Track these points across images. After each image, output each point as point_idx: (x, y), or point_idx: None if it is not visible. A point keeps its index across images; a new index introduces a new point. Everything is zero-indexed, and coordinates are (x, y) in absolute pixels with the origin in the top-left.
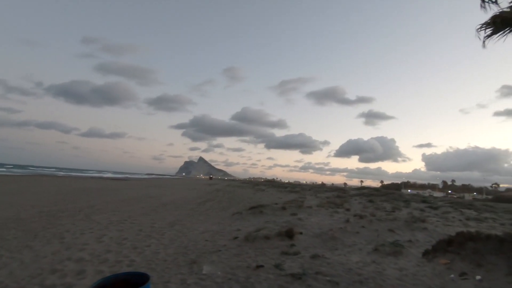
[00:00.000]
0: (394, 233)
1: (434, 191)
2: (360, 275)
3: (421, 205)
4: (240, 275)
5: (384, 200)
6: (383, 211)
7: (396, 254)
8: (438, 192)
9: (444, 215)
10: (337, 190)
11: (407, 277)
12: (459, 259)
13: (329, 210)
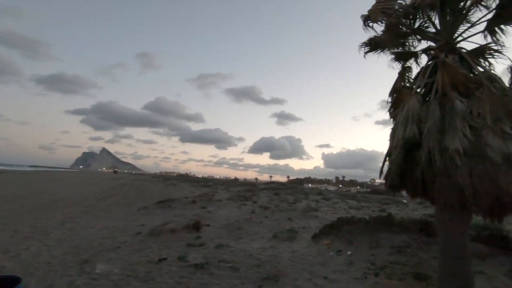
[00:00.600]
0: (292, 221)
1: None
2: (258, 259)
3: (317, 197)
4: (140, 271)
5: (288, 193)
6: (286, 203)
7: (291, 239)
8: (332, 186)
9: (333, 205)
10: (248, 184)
11: (297, 257)
12: (337, 240)
13: (238, 203)
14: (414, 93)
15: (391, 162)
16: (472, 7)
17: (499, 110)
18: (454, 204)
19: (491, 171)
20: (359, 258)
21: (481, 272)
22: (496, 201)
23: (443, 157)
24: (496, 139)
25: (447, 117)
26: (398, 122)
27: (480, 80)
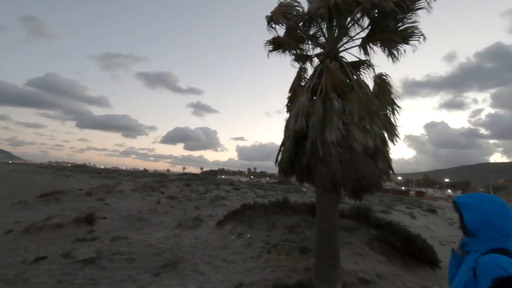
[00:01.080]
0: (199, 210)
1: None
2: (159, 248)
3: (228, 188)
4: (9, 273)
5: (200, 184)
6: (197, 193)
7: (196, 227)
8: (244, 177)
9: (242, 194)
10: (158, 176)
11: (200, 243)
12: (239, 224)
13: (143, 193)
14: (305, 91)
15: (283, 151)
16: (350, 25)
17: (363, 110)
18: (328, 186)
19: (355, 160)
20: (257, 239)
21: (349, 242)
22: (358, 183)
23: (323, 147)
24: (360, 133)
25: (328, 114)
26: (291, 115)
27: (353, 85)
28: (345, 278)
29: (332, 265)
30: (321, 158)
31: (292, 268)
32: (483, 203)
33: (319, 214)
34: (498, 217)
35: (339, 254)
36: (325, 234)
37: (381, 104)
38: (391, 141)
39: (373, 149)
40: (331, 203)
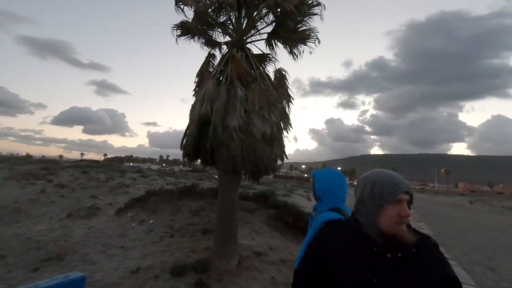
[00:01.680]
0: (96, 198)
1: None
2: (39, 242)
3: (135, 175)
4: None
5: (101, 171)
6: (96, 181)
7: (90, 216)
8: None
9: (151, 181)
10: (46, 162)
11: (93, 233)
12: (142, 211)
13: (22, 182)
14: (211, 77)
15: (188, 135)
16: (258, 18)
17: (263, 100)
18: (230, 169)
19: (254, 145)
20: (160, 224)
21: (249, 222)
22: (256, 167)
23: (224, 132)
24: (259, 121)
25: (231, 101)
26: (197, 100)
27: (256, 76)
28: (242, 253)
29: (229, 242)
30: (224, 142)
31: (193, 249)
32: (327, 175)
33: (220, 195)
34: (335, 185)
35: (236, 232)
36: (225, 213)
37: (279, 96)
38: (285, 130)
39: (270, 136)
40: (231, 185)
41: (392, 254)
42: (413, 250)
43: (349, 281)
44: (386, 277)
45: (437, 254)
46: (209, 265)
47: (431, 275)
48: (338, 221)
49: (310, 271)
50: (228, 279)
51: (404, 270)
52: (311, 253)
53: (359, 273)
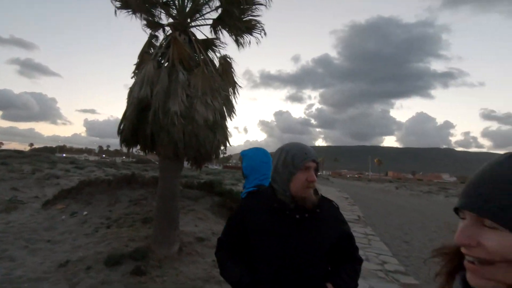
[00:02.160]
0: (17, 191)
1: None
2: None
3: (68, 166)
4: None
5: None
6: (18, 173)
7: (10, 210)
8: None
9: (88, 173)
10: None
11: (13, 228)
12: (74, 203)
13: None
14: (152, 59)
15: (125, 119)
16: (202, 1)
17: (206, 86)
18: (171, 155)
19: (196, 130)
20: (95, 216)
21: (193, 209)
22: (198, 152)
23: (165, 117)
24: (202, 107)
25: (173, 85)
26: (136, 82)
27: (199, 61)
28: (184, 239)
29: (170, 229)
30: (164, 127)
31: (132, 238)
32: (254, 153)
33: (161, 181)
34: (261, 163)
35: (178, 218)
36: (165, 200)
37: (224, 83)
38: (229, 117)
39: (213, 122)
40: (172, 170)
41: (300, 215)
42: (317, 211)
43: (264, 243)
44: (295, 235)
45: (337, 215)
46: (149, 253)
47: (331, 232)
48: (257, 191)
49: (231, 238)
50: (168, 265)
51: (310, 228)
52: (233, 222)
53: (273, 234)
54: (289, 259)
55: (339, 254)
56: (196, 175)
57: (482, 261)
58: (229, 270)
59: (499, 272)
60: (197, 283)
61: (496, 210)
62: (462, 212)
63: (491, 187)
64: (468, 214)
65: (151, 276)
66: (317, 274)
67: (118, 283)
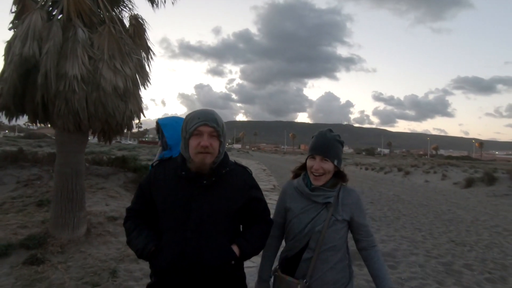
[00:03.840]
0: None
1: None
2: None
3: None
4: None
5: None
6: None
7: None
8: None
9: None
10: None
11: None
12: None
13: None
14: (39, 7)
15: (3, 80)
16: None
17: (114, 48)
18: (71, 127)
19: (103, 99)
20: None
21: (103, 187)
22: (106, 124)
23: (61, 81)
24: (109, 72)
25: (69, 43)
26: (17, 35)
27: (104, 19)
28: (92, 220)
29: (73, 210)
30: (61, 94)
31: (23, 225)
32: (177, 123)
33: (60, 157)
34: None
35: (83, 198)
36: (66, 178)
37: (135, 47)
38: (143, 85)
39: (123, 90)
40: (74, 144)
41: (207, 180)
42: (213, 179)
43: (169, 210)
44: (200, 201)
45: (248, 180)
46: (47, 239)
47: (238, 196)
48: (168, 159)
49: (139, 206)
50: (73, 249)
51: (216, 193)
52: (141, 190)
53: (178, 200)
54: (193, 224)
55: (248, 218)
56: (107, 151)
57: (321, 174)
58: (134, 239)
59: (325, 177)
60: (110, 264)
61: (327, 154)
62: (313, 156)
63: (326, 144)
64: (317, 156)
65: (51, 263)
66: (223, 238)
67: (6, 276)
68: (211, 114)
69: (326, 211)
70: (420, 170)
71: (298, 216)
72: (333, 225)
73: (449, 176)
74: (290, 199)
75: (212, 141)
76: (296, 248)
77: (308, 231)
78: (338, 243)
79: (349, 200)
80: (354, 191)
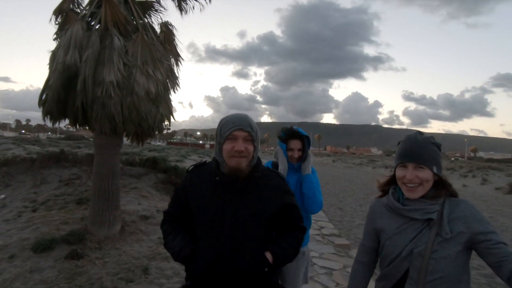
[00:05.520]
0: None
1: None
2: None
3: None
4: None
5: None
6: None
7: None
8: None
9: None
10: None
11: None
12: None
13: None
14: (80, 19)
15: (48, 88)
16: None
17: (147, 55)
18: (107, 130)
19: (136, 103)
20: (16, 199)
21: (135, 187)
22: (139, 127)
23: (98, 87)
24: (142, 78)
25: (107, 51)
26: (60, 45)
27: (138, 26)
28: (126, 219)
29: (110, 208)
30: (98, 99)
31: (65, 221)
32: None
33: (98, 159)
34: None
35: (119, 197)
36: (103, 178)
37: (166, 52)
38: (172, 89)
39: (155, 95)
40: (110, 146)
41: (240, 185)
42: (247, 183)
43: (204, 214)
44: (234, 206)
45: (282, 185)
46: (86, 235)
47: (272, 201)
48: (203, 164)
49: (176, 210)
50: (109, 245)
51: (250, 198)
52: (177, 194)
53: (212, 205)
54: (227, 229)
55: (282, 224)
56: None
57: (417, 185)
58: (170, 242)
59: (423, 188)
60: (142, 261)
61: (422, 160)
62: (404, 164)
63: (418, 149)
64: (410, 164)
65: (90, 258)
66: (256, 243)
67: (50, 269)
68: (246, 119)
69: (429, 230)
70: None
71: (392, 238)
72: (442, 248)
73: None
74: (381, 219)
75: (247, 145)
76: (394, 278)
77: (407, 254)
78: (453, 272)
79: (458, 212)
80: (464, 201)
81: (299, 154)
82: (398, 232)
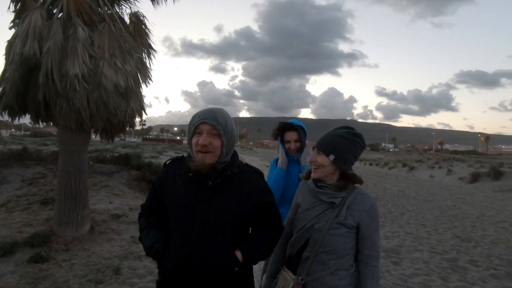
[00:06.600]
0: None
1: None
2: None
3: None
4: None
5: None
6: None
7: None
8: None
9: None
10: None
11: None
12: None
13: None
14: (38, 6)
15: (5, 80)
16: None
17: (115, 46)
18: (73, 126)
19: (104, 97)
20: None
21: (107, 185)
22: (108, 122)
23: (63, 80)
24: (110, 70)
25: (70, 42)
26: (17, 34)
27: (104, 16)
28: (96, 218)
29: (77, 208)
30: (63, 93)
31: (28, 223)
32: None
33: (63, 156)
34: None
35: (87, 196)
36: (70, 176)
37: (136, 44)
38: (144, 83)
39: (125, 88)
40: (77, 143)
41: (213, 182)
42: (218, 181)
43: (178, 209)
44: (204, 204)
45: (258, 183)
46: (52, 237)
47: (246, 199)
48: (180, 158)
49: (152, 204)
50: (77, 247)
51: (222, 197)
52: (153, 188)
53: (185, 201)
54: (198, 227)
55: (258, 222)
56: (111, 149)
57: (318, 167)
58: (144, 237)
59: (323, 170)
60: (113, 261)
61: (321, 147)
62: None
63: (324, 138)
64: (316, 149)
65: (56, 261)
66: (227, 242)
67: (11, 274)
68: (212, 112)
69: (331, 212)
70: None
71: (304, 212)
72: (337, 228)
73: (455, 171)
74: (302, 196)
75: (212, 139)
76: (298, 245)
77: (309, 227)
78: (341, 248)
79: (359, 205)
80: (369, 197)
81: (296, 145)
82: (308, 208)
